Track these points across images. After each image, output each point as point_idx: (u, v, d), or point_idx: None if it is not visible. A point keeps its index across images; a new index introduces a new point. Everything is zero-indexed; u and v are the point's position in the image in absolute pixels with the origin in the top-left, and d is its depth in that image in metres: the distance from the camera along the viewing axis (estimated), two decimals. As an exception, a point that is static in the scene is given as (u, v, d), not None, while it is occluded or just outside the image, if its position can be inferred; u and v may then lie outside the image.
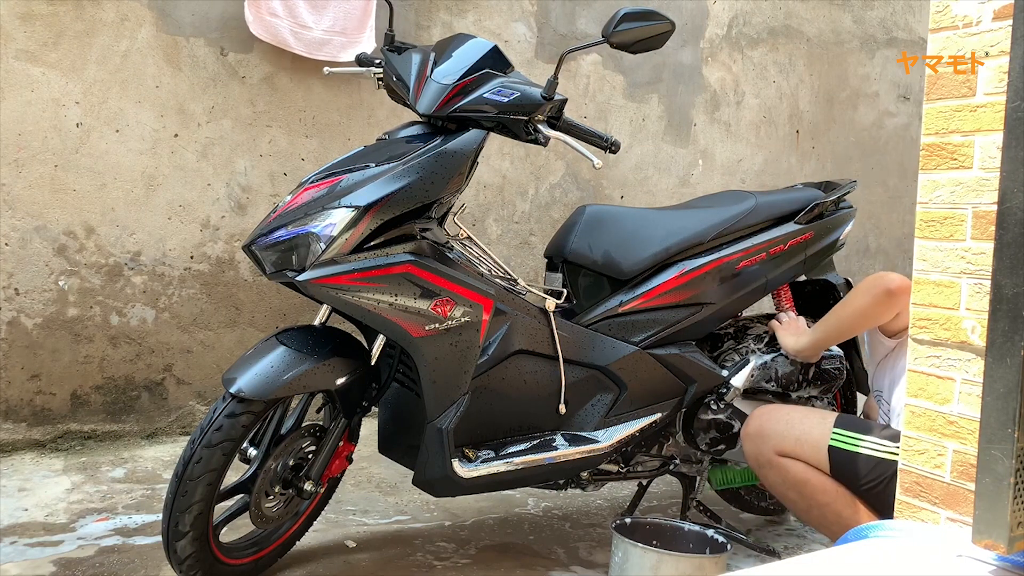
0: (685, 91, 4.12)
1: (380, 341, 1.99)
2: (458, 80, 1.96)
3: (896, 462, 1.59)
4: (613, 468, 2.30)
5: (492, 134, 2.02)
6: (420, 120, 2.04)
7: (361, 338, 2.09)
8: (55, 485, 2.63)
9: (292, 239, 1.83)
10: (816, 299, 2.59)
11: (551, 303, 2.14)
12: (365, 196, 1.82)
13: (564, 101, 2.03)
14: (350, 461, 2.13)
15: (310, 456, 2.03)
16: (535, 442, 2.11)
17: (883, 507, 1.84)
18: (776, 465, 2.02)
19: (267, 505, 1.99)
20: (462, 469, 1.98)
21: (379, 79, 2.21)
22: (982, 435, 1.25)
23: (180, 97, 3.06)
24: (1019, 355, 1.20)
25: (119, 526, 2.35)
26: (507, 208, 3.70)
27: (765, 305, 2.62)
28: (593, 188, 3.91)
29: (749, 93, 4.31)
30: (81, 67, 2.91)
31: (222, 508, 1.97)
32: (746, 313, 2.55)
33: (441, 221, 2.00)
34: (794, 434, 2.01)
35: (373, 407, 2.10)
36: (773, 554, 2.31)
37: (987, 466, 1.24)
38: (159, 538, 1.97)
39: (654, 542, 1.98)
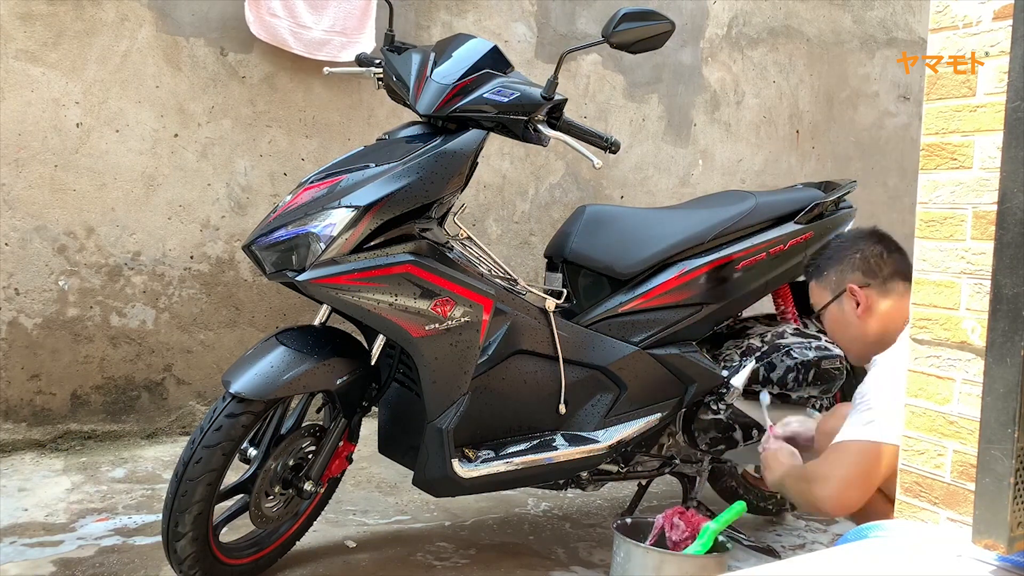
0: (685, 91, 4.11)
1: (380, 341, 1.99)
2: (458, 80, 1.96)
3: None
4: (613, 468, 2.30)
5: (492, 134, 2.02)
6: (420, 120, 2.04)
7: (361, 338, 2.09)
8: (55, 485, 2.63)
9: (292, 239, 1.83)
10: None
11: (551, 303, 2.14)
12: (365, 196, 1.82)
13: (564, 101, 2.03)
14: (350, 461, 2.13)
15: (310, 456, 2.03)
16: (535, 442, 2.11)
17: None
18: None
19: (267, 505, 1.99)
20: (462, 469, 1.98)
21: (379, 79, 2.21)
22: (982, 435, 1.25)
23: (180, 97, 3.06)
24: (1019, 355, 1.20)
25: (119, 526, 2.35)
26: (507, 208, 3.70)
27: (765, 305, 2.62)
28: (593, 188, 3.91)
29: (749, 93, 4.31)
30: (81, 67, 2.91)
31: (222, 508, 1.97)
32: (746, 313, 2.55)
33: (441, 221, 2.00)
34: None
35: (373, 407, 2.10)
36: (773, 554, 2.31)
37: (987, 466, 1.24)
38: (159, 538, 1.96)
39: (655, 542, 1.97)
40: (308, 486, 1.98)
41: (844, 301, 1.99)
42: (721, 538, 1.98)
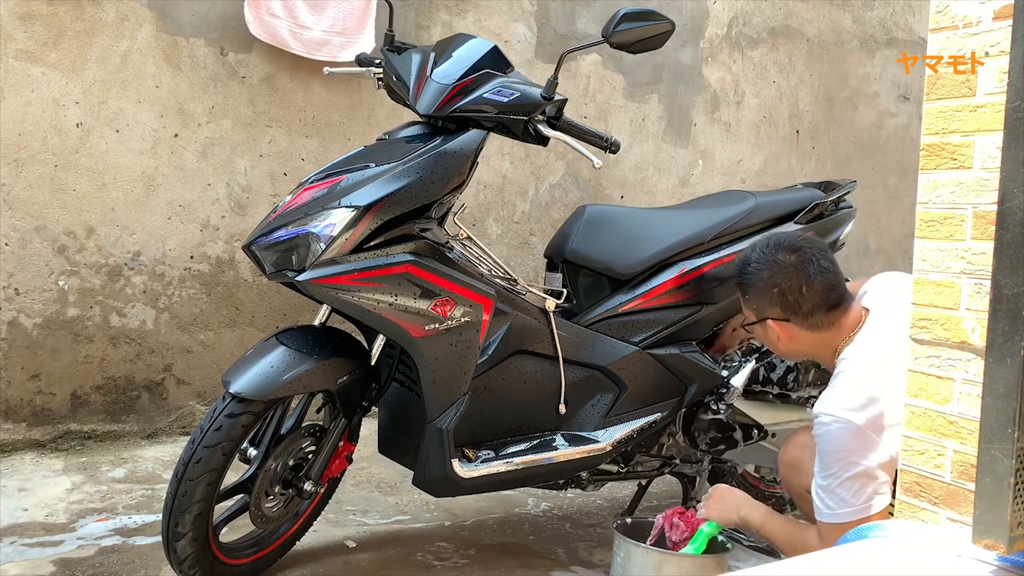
0: (685, 91, 4.12)
1: (380, 341, 1.99)
2: (458, 80, 1.96)
3: None
4: (613, 468, 2.30)
5: (492, 134, 2.02)
6: (420, 120, 2.04)
7: (361, 338, 2.09)
8: (55, 485, 2.63)
9: (292, 239, 1.83)
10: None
11: (551, 303, 2.14)
12: (365, 196, 1.82)
13: (564, 101, 2.03)
14: (350, 461, 2.13)
15: (310, 456, 2.03)
16: (535, 442, 2.11)
17: None
18: (808, 501, 1.90)
19: (267, 505, 1.99)
20: (462, 469, 1.98)
21: (379, 79, 2.21)
22: (982, 435, 1.25)
23: (180, 97, 3.06)
24: (1019, 355, 1.20)
25: (119, 526, 2.35)
26: (507, 208, 3.70)
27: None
28: (593, 188, 3.91)
29: (749, 93, 4.31)
30: (81, 67, 2.91)
31: (222, 508, 1.97)
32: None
33: (441, 221, 2.00)
34: None
35: (373, 407, 2.10)
36: (773, 554, 2.31)
37: (987, 466, 1.24)
38: (159, 538, 1.97)
39: (655, 542, 1.97)
40: (308, 486, 1.98)
41: (768, 328, 1.90)
42: (721, 538, 1.98)
